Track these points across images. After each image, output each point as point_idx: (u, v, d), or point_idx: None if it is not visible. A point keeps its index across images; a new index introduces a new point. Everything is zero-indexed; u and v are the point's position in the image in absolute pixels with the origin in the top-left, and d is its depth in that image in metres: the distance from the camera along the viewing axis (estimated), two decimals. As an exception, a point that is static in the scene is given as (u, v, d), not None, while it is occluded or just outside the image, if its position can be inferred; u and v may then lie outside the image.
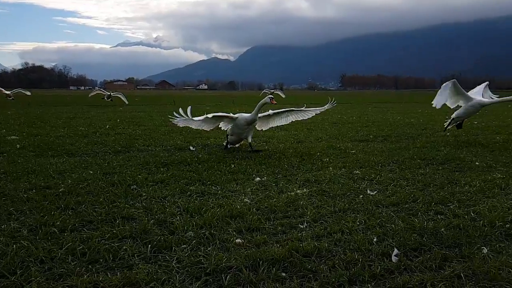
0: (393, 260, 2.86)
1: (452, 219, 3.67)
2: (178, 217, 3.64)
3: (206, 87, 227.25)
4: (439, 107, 8.63)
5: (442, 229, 3.40)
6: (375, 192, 4.56)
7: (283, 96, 39.00)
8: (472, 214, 3.83)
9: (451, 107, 8.84)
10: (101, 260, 2.84)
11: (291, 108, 7.80)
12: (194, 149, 7.48)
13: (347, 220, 3.64)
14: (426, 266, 2.80)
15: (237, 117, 7.12)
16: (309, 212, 3.82)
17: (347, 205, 4.09)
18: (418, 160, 6.50)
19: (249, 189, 4.67)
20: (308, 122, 12.77)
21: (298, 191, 4.58)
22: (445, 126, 9.27)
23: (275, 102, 7.18)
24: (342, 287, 2.53)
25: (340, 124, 12.61)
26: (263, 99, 7.16)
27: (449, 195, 4.47)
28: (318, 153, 7.03)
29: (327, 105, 7.82)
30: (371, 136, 9.60)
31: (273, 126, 8.04)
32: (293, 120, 7.84)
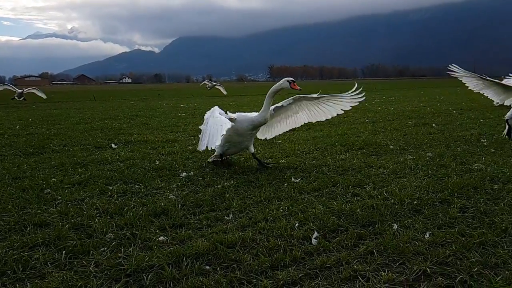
0: (313, 243, 2.99)
1: (367, 200, 3.93)
2: (96, 220, 3.45)
3: (130, 80, 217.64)
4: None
5: (358, 210, 3.63)
6: (299, 179, 4.73)
7: (225, 92, 30.64)
8: (385, 194, 4.13)
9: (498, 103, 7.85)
10: (9, 272, 2.60)
11: (318, 95, 5.59)
12: (116, 146, 7.12)
13: (271, 208, 3.72)
14: (343, 245, 2.96)
15: (235, 118, 5.15)
16: (235, 204, 3.85)
17: (272, 193, 4.18)
18: (339, 147, 6.85)
19: (174, 185, 4.57)
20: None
21: (225, 183, 4.59)
22: (505, 133, 7.48)
23: (298, 87, 5.20)
24: (265, 273, 2.58)
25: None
26: (277, 85, 5.20)
27: (366, 178, 4.78)
28: (245, 145, 7.10)
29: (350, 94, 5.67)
30: (296, 125, 9.91)
31: (283, 130, 5.99)
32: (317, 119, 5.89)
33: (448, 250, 2.84)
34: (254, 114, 5.38)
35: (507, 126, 7.37)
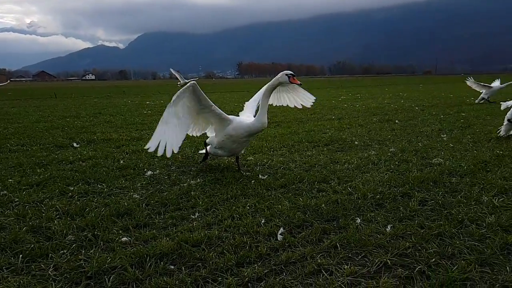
0: (278, 239, 3.02)
1: (331, 195, 4.00)
2: (56, 222, 3.33)
3: (93, 77, 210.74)
4: None
5: (323, 205, 3.69)
6: (266, 176, 4.74)
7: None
8: (349, 189, 4.22)
9: None
10: (-41, 280, 2.47)
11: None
12: (77, 145, 6.88)
13: (238, 205, 3.72)
14: (308, 240, 3.00)
15: (231, 121, 4.69)
16: (201, 202, 3.82)
17: (239, 191, 4.17)
18: (306, 143, 6.93)
19: (139, 184, 4.48)
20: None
21: (192, 181, 4.54)
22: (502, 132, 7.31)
23: (298, 82, 4.82)
24: (230, 270, 2.58)
25: (235, 113, 12.78)
26: (274, 80, 4.71)
27: (331, 174, 4.86)
28: (213, 142, 7.06)
29: None
30: (264, 122, 9.94)
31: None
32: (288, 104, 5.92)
33: (408, 242, 2.93)
34: (249, 118, 4.85)
35: (505, 125, 7.18)
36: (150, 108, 14.61)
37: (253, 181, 4.52)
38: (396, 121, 9.74)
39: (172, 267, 2.62)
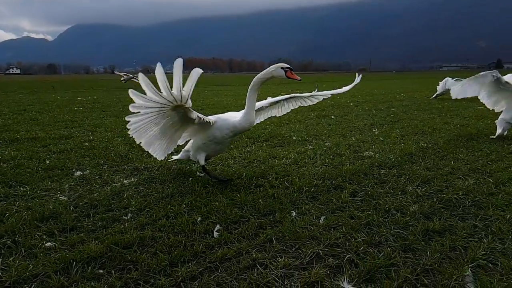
0: (214, 236, 2.99)
1: (269, 190, 4.05)
2: (-31, 229, 3.03)
3: (18, 71, 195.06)
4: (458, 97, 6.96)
5: (260, 200, 3.72)
6: (204, 173, 4.69)
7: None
8: (286, 183, 4.30)
9: (490, 108, 7.09)
10: None
11: (296, 95, 5.31)
12: (-1, 145, 6.32)
13: (173, 204, 3.63)
14: (244, 235, 3.01)
15: (214, 122, 4.17)
16: (134, 202, 3.68)
17: (175, 189, 4.08)
18: (246, 139, 6.96)
19: (67, 185, 4.21)
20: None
21: (125, 181, 4.36)
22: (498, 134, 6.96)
23: (298, 77, 4.19)
24: (163, 271, 2.51)
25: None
26: (265, 73, 4.11)
27: (269, 169, 4.92)
28: (149, 139, 6.83)
29: (352, 84, 5.59)
30: (203, 118, 9.82)
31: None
32: (292, 108, 5.52)
33: (339, 232, 3.05)
34: (236, 116, 4.33)
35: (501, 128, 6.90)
36: (81, 105, 13.81)
37: (190, 179, 4.45)
38: (332, 117, 10.11)
39: (101, 271, 2.49)
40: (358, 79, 5.53)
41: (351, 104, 13.69)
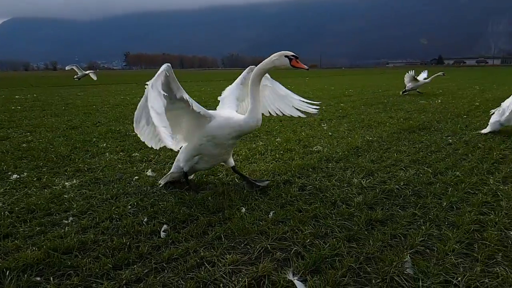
0: (161, 236, 2.92)
1: (219, 187, 4.02)
2: None
3: None
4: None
5: (209, 198, 3.68)
6: (152, 172, 4.57)
7: (95, 78, 27.90)
8: (236, 180, 4.29)
9: None
10: None
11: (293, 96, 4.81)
12: None
13: (118, 205, 3.50)
14: (192, 234, 2.97)
15: (213, 117, 3.65)
16: (75, 205, 3.50)
17: (121, 190, 3.94)
18: (195, 136, 6.86)
19: (1, 189, 3.92)
20: (88, 106, 11.83)
21: (67, 183, 4.14)
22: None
23: (304, 66, 3.68)
24: (106, 275, 2.41)
25: (122, 106, 12.09)
26: (267, 62, 3.63)
27: (220, 166, 4.88)
28: (95, 139, 6.55)
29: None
30: (153, 116, 9.58)
31: None
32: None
33: (287, 226, 3.09)
34: (236, 113, 3.84)
35: (493, 127, 6.95)
36: (20, 103, 12.95)
37: (137, 178, 4.31)
38: (283, 112, 10.23)
39: (38, 278, 2.35)
40: None
41: (302, 100, 13.94)
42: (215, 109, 4.06)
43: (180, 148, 3.90)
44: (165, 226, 3.06)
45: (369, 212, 3.37)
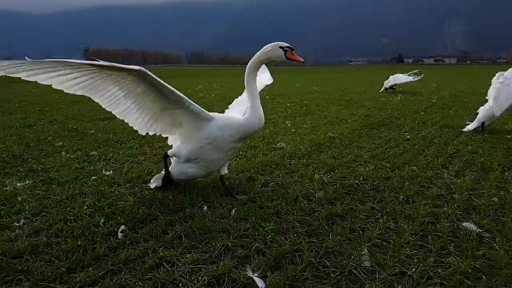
0: (119, 237, 2.84)
1: (180, 186, 3.95)
2: None
3: None
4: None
5: (170, 197, 3.61)
6: (111, 171, 4.43)
7: None
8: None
9: None
10: None
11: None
12: None
13: (74, 206, 3.37)
14: (151, 234, 2.90)
15: (212, 118, 3.47)
16: (28, 207, 3.34)
17: (77, 190, 3.79)
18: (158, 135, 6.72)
19: None
20: (44, 103, 11.33)
21: (19, 184, 3.94)
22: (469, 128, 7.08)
23: (300, 58, 3.48)
24: (60, 279, 2.31)
25: (81, 103, 11.63)
26: (260, 54, 3.47)
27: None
28: (50, 137, 6.27)
29: None
30: (114, 114, 9.30)
31: None
32: None
33: (249, 223, 3.09)
34: (236, 114, 3.69)
35: (476, 123, 7.06)
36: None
37: (94, 178, 4.17)
38: (247, 110, 10.23)
39: (-16, 287, 2.22)
40: None
41: (267, 97, 13.99)
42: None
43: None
44: (122, 226, 2.97)
45: (330, 207, 3.42)
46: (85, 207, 3.34)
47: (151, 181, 3.91)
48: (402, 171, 4.52)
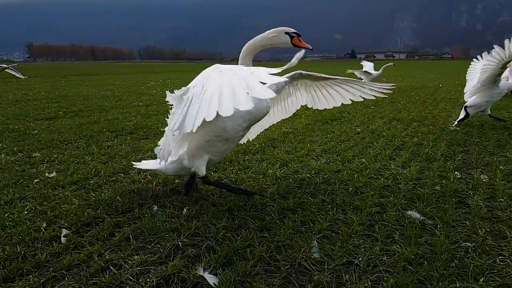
0: (62, 242, 2.70)
1: (129, 186, 3.83)
2: None
3: None
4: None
5: (118, 197, 3.49)
6: (54, 173, 4.21)
7: (18, 75, 23.41)
8: (149, 177, 4.12)
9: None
10: None
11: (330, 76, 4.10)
12: None
13: (12, 212, 3.16)
14: (98, 237, 2.78)
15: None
16: (-40, 214, 3.09)
17: (17, 194, 3.56)
18: (108, 133, 6.49)
19: None
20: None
21: (-50, 189, 3.64)
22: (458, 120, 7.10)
23: (308, 45, 3.27)
24: (-6, 291, 2.16)
25: (23, 102, 10.97)
26: (263, 37, 3.22)
27: (123, 160, 4.66)
28: (-12, 139, 5.87)
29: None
30: (60, 112, 8.87)
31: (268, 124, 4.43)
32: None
33: (200, 221, 3.04)
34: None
35: (463, 113, 7.02)
36: None
37: (36, 181, 3.94)
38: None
39: None
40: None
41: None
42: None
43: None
44: (65, 231, 2.82)
45: (282, 202, 3.45)
46: (26, 212, 3.15)
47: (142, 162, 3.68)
48: (352, 164, 4.64)
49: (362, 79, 15.37)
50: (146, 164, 3.63)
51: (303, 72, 4.01)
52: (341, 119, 8.02)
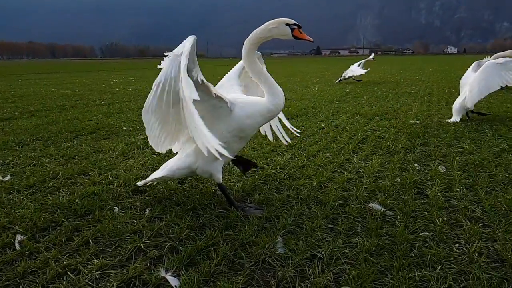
0: (16, 248, 2.57)
1: (89, 187, 3.69)
2: None
3: None
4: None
5: (77, 200, 3.36)
6: (9, 176, 4.00)
7: None
8: (110, 178, 4.00)
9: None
10: None
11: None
12: None
13: (-39, 219, 2.98)
14: (55, 242, 2.67)
15: (235, 104, 3.00)
16: None
17: (-34, 200, 3.36)
18: (66, 133, 6.25)
19: None
20: None
21: None
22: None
23: (309, 37, 3.14)
24: None
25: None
26: (262, 30, 3.05)
27: (92, 164, 4.50)
28: None
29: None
30: (16, 113, 8.45)
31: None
32: None
33: (163, 222, 2.98)
34: (255, 97, 3.23)
35: (457, 115, 7.06)
36: None
37: (-12, 185, 3.74)
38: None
39: None
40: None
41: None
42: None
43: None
44: (20, 236, 2.69)
45: (247, 198, 3.44)
46: (-25, 219, 2.98)
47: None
48: (316, 159, 4.70)
49: (346, 75, 15.98)
50: (151, 177, 3.42)
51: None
52: (306, 114, 8.11)
